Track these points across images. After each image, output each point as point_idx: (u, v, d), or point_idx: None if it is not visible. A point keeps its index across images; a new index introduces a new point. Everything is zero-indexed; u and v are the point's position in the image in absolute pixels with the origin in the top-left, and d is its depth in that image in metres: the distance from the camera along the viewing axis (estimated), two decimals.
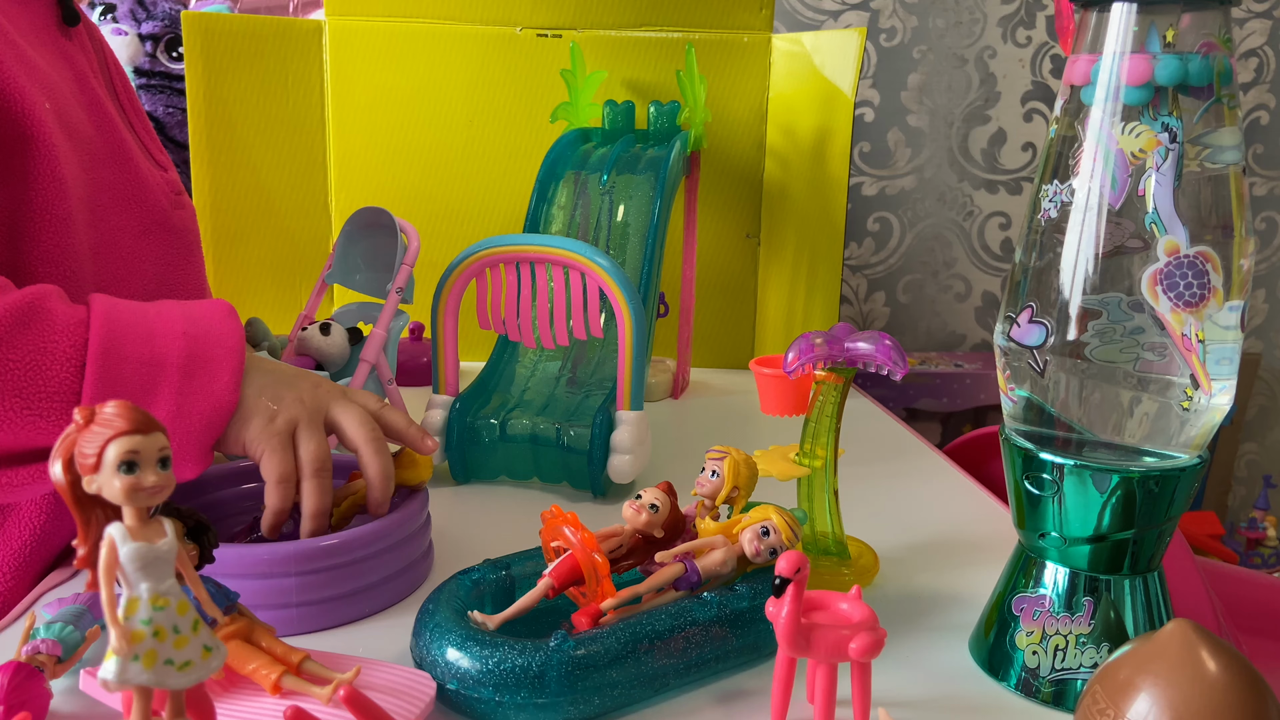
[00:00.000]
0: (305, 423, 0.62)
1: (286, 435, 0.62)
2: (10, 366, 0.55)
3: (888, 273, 1.74)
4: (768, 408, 0.88)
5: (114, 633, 0.37)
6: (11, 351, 0.56)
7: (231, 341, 0.62)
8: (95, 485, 0.37)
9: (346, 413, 0.64)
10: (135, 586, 0.38)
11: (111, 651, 0.37)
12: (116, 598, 0.37)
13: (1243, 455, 1.88)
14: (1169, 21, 0.49)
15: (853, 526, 0.72)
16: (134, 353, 0.59)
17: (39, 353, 0.56)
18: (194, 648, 0.39)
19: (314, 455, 0.62)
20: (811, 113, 1.15)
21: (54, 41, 0.73)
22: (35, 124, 0.64)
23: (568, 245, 0.80)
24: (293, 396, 0.63)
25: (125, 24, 1.25)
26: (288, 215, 1.19)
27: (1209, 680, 0.39)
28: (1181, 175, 0.49)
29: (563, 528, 0.56)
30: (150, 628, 0.38)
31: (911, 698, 0.55)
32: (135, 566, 0.37)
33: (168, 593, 0.38)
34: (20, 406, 0.56)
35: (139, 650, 0.37)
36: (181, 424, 0.59)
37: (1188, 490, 0.53)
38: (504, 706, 0.50)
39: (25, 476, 0.57)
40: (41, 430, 0.56)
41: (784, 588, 0.48)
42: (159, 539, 0.38)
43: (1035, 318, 0.53)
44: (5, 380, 0.55)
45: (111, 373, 0.57)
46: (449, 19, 1.15)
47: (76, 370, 0.57)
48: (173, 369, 0.60)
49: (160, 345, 0.60)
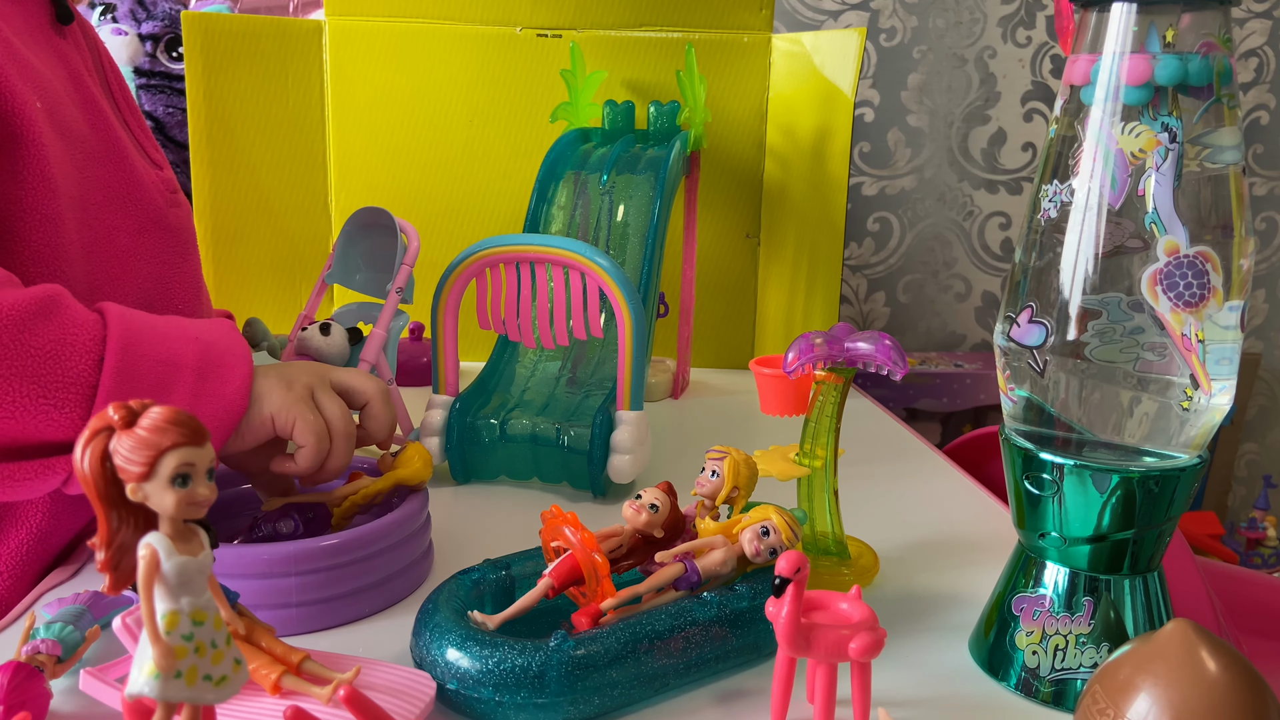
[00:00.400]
0: (319, 386, 0.66)
1: (309, 400, 0.65)
2: (31, 354, 0.55)
3: (888, 273, 1.74)
4: (768, 408, 0.88)
5: (156, 649, 0.36)
6: (34, 339, 0.56)
7: (241, 350, 0.64)
8: (142, 494, 0.36)
9: (350, 371, 0.69)
10: (177, 600, 0.37)
11: (153, 667, 0.36)
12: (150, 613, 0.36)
13: (1243, 455, 1.88)
14: (1169, 21, 0.49)
15: (853, 526, 0.72)
16: (151, 351, 0.59)
17: (60, 343, 0.56)
18: (228, 661, 0.38)
19: (338, 415, 0.65)
20: (811, 113, 1.15)
21: (47, 40, 0.73)
22: (25, 122, 0.64)
23: (568, 245, 0.80)
24: (299, 369, 0.67)
25: (125, 24, 1.25)
26: (287, 215, 1.19)
27: (1209, 680, 0.39)
28: (1181, 175, 0.49)
29: (563, 528, 0.56)
30: (192, 643, 0.37)
31: (911, 698, 0.55)
32: (179, 580, 0.36)
33: (206, 606, 0.37)
34: (37, 394, 0.55)
35: (181, 667, 0.36)
36: None
37: (1188, 490, 0.53)
38: (504, 706, 0.50)
39: (29, 471, 0.57)
40: (53, 421, 0.56)
41: (784, 588, 0.48)
42: (199, 551, 0.37)
43: (1035, 318, 0.53)
44: (25, 367, 0.55)
45: (130, 369, 0.58)
46: (449, 19, 1.15)
47: (95, 364, 0.57)
48: (188, 370, 0.60)
49: (175, 347, 0.61)
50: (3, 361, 0.55)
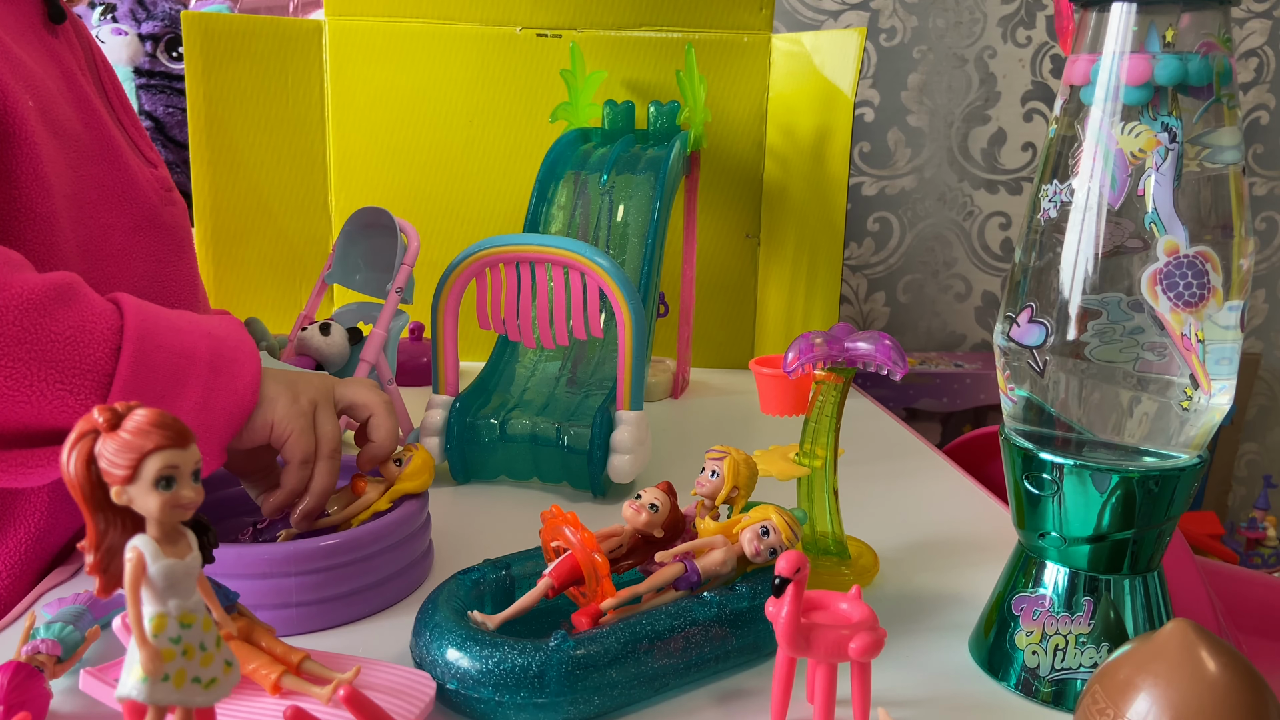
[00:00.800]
0: (323, 404, 0.66)
1: (310, 416, 0.65)
2: (50, 338, 0.55)
3: (888, 273, 1.74)
4: (768, 408, 0.88)
5: (143, 652, 0.36)
6: (54, 324, 0.56)
7: (250, 347, 0.64)
8: (127, 497, 0.35)
9: (355, 384, 0.69)
10: (164, 603, 0.37)
11: (141, 671, 0.36)
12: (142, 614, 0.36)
13: (1243, 455, 1.88)
14: (1168, 21, 0.49)
15: (853, 526, 0.72)
16: (166, 343, 0.59)
17: (78, 330, 0.56)
18: (218, 664, 0.38)
19: (331, 435, 0.65)
20: (811, 113, 1.15)
21: (40, 39, 0.73)
22: (17, 120, 0.64)
23: (568, 245, 0.80)
24: (306, 382, 0.67)
25: (125, 24, 1.25)
26: (287, 215, 1.19)
27: (1208, 680, 0.39)
28: (1181, 175, 0.49)
29: (563, 528, 0.56)
30: (180, 646, 0.37)
31: (911, 697, 0.55)
32: (166, 583, 0.36)
33: (194, 609, 0.37)
34: (54, 379, 0.55)
35: (169, 670, 0.36)
36: (206, 417, 0.59)
37: (1187, 490, 0.53)
38: (504, 706, 0.50)
39: (41, 458, 0.57)
40: (68, 407, 0.56)
41: (784, 588, 0.48)
42: (186, 554, 0.37)
43: (1035, 318, 0.53)
44: (44, 352, 0.55)
45: (146, 359, 0.58)
46: (449, 19, 1.15)
47: (112, 352, 0.57)
48: (201, 363, 0.60)
49: (189, 340, 0.61)
50: (22, 345, 0.54)
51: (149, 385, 0.57)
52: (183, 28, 1.12)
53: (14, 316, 0.54)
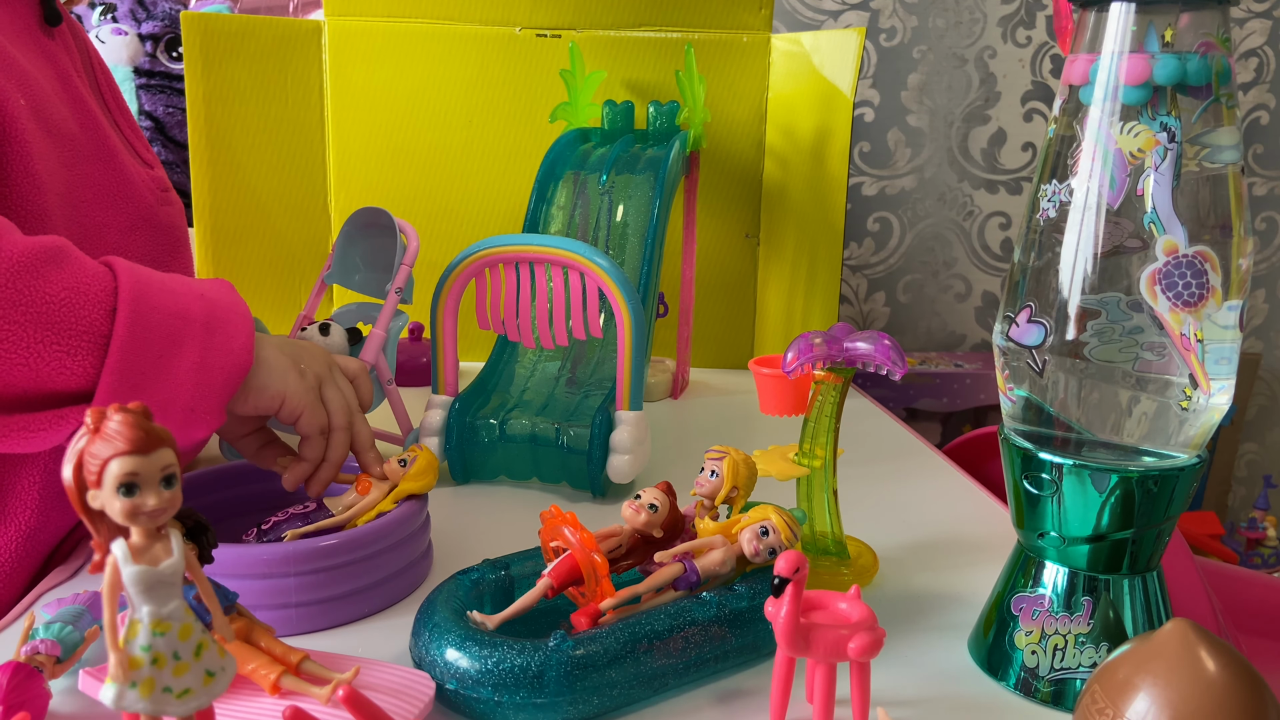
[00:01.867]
0: (326, 376, 0.67)
1: (316, 391, 0.66)
2: (46, 300, 0.55)
3: (888, 273, 1.74)
4: (767, 408, 0.88)
5: (112, 658, 0.36)
6: (47, 285, 0.55)
7: (242, 309, 0.64)
8: (99, 501, 0.35)
9: (341, 356, 0.72)
10: (137, 609, 0.36)
11: (109, 677, 0.36)
12: (118, 620, 0.36)
13: (1243, 455, 1.88)
14: (1167, 21, 0.49)
15: (852, 526, 0.72)
16: (161, 304, 0.59)
17: (72, 291, 0.56)
18: (195, 675, 0.37)
19: (341, 407, 0.67)
20: (811, 113, 1.15)
21: (35, 41, 0.73)
22: (7, 119, 0.65)
23: (567, 245, 0.80)
24: (309, 355, 0.68)
25: (125, 24, 1.25)
26: (287, 215, 1.19)
27: (1208, 680, 0.39)
28: (1180, 175, 0.49)
29: (562, 528, 0.56)
30: (149, 654, 0.36)
31: (911, 697, 0.55)
32: (138, 590, 0.36)
33: (170, 617, 0.37)
34: (51, 341, 0.55)
35: (136, 678, 0.36)
36: (205, 376, 0.59)
37: (1187, 490, 0.53)
38: (503, 706, 0.50)
39: (43, 422, 0.56)
40: (66, 369, 0.56)
41: (783, 587, 0.48)
42: (163, 559, 0.36)
43: (1034, 317, 0.53)
44: (40, 314, 0.55)
45: (142, 320, 0.57)
46: (449, 19, 1.15)
47: (107, 313, 0.57)
48: (197, 324, 0.60)
49: (184, 301, 0.61)
50: (17, 307, 0.54)
51: (146, 346, 0.57)
52: (182, 28, 1.11)
53: (5, 279, 0.54)
